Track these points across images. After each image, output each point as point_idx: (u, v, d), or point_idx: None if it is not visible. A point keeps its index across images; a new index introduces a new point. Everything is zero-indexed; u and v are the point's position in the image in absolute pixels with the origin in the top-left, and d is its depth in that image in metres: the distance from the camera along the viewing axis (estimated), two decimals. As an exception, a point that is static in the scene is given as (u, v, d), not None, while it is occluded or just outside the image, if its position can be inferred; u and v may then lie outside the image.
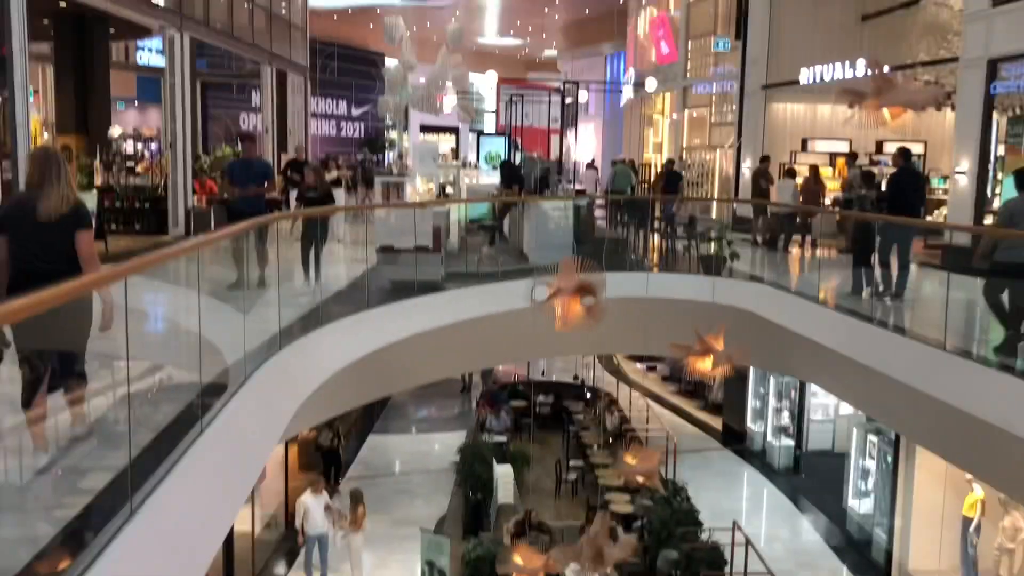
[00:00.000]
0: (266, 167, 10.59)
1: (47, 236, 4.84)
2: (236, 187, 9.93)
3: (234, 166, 10.85)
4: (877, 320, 9.14)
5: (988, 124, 13.40)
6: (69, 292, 3.62)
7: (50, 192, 4.82)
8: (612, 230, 17.36)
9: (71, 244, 4.85)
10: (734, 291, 11.91)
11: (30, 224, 4.81)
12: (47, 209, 4.80)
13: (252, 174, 9.85)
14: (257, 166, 10.19)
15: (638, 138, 29.50)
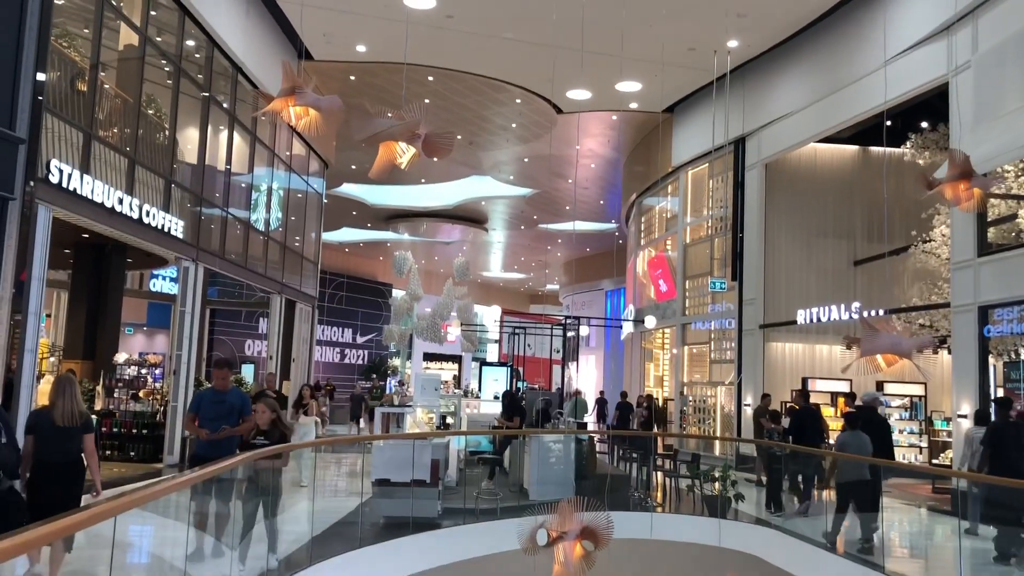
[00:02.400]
0: (242, 401, 8.61)
1: (62, 437, 6.75)
2: (203, 427, 8.26)
3: (201, 399, 8.74)
4: (883, 569, 8.78)
5: (985, 367, 13.55)
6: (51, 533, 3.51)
7: (63, 406, 6.81)
8: (615, 466, 17.12)
9: (79, 444, 6.86)
10: (741, 535, 11.53)
11: (49, 428, 6.74)
12: (59, 419, 6.77)
13: (224, 410, 8.29)
14: (231, 400, 8.48)
15: (639, 371, 29.77)
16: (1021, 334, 13.22)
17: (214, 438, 8.10)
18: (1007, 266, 12.99)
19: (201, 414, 8.40)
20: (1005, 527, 9.02)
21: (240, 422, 8.32)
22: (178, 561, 6.76)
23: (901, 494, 13.76)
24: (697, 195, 24.51)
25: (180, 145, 16.04)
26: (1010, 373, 13.38)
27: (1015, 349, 13.61)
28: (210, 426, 8.21)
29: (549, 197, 33.12)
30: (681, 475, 14.63)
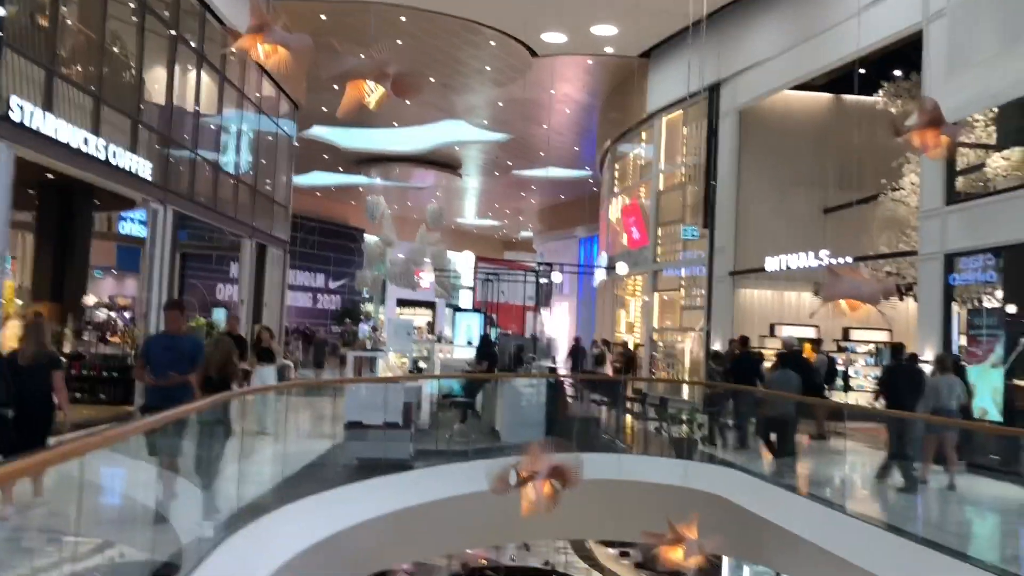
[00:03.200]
0: (195, 347, 7.99)
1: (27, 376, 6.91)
2: (152, 374, 7.67)
3: (152, 345, 8.20)
4: (851, 511, 9.04)
5: (949, 315, 13.81)
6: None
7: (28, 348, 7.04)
8: (584, 409, 17.34)
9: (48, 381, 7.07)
10: (706, 476, 11.77)
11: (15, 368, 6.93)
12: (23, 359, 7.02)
13: (175, 356, 7.63)
14: (184, 345, 7.82)
15: (611, 318, 30.00)
16: (985, 282, 13.46)
17: (160, 384, 7.53)
18: (974, 215, 13.16)
19: (151, 360, 7.74)
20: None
21: (191, 370, 7.70)
22: (148, 502, 6.81)
23: (864, 436, 14.07)
24: (672, 142, 24.48)
25: (147, 85, 15.70)
26: (973, 320, 13.64)
27: (978, 297, 13.85)
28: (160, 373, 7.60)
29: (523, 143, 32.92)
30: (649, 418, 14.87)
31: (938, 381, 10.91)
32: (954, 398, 10.59)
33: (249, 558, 7.19)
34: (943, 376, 11.04)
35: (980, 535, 9.03)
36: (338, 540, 8.95)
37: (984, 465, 10.37)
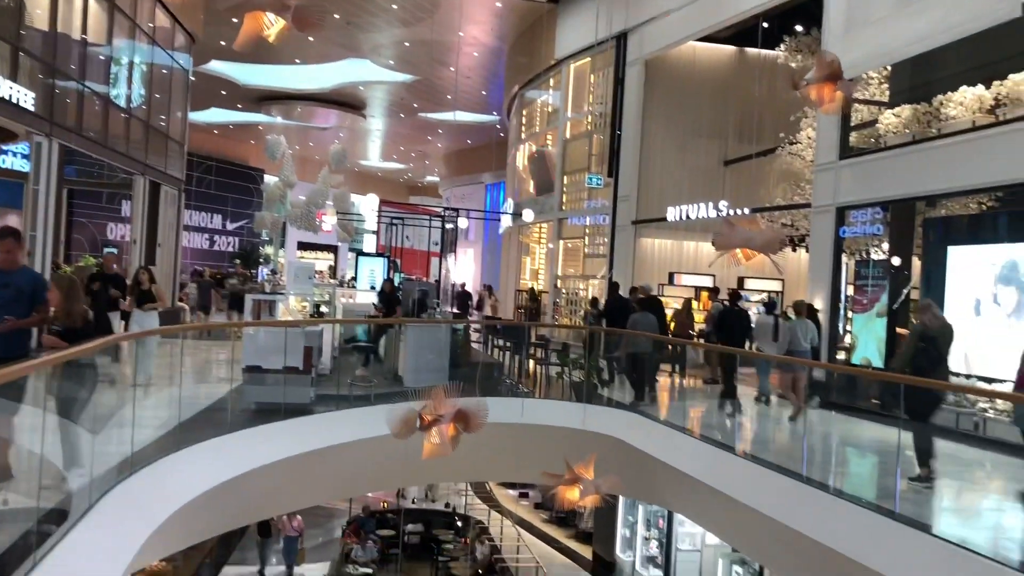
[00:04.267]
0: (34, 284, 6.67)
1: None
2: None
3: None
4: (739, 451, 9.42)
5: (838, 266, 14.39)
6: None
7: None
8: (488, 354, 17.47)
9: None
10: (604, 419, 12.07)
11: None
12: None
13: (9, 296, 6.42)
14: (18, 282, 6.53)
15: (516, 265, 30.16)
16: (872, 235, 14.05)
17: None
18: (865, 170, 13.66)
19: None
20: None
21: (31, 310, 6.54)
22: (34, 448, 6.55)
23: (752, 380, 14.63)
24: (579, 90, 24.50)
25: (28, 9, 14.71)
26: (860, 271, 14.26)
27: (866, 249, 14.47)
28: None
29: (430, 85, 32.37)
30: (551, 363, 15.09)
31: (794, 325, 11.95)
32: (807, 340, 11.71)
33: (144, 502, 7.04)
34: (799, 320, 12.10)
35: (858, 474, 9.56)
36: (237, 484, 8.84)
37: (861, 408, 10.96)
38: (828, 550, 7.15)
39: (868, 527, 6.91)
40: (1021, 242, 11.15)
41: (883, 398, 10.05)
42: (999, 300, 11.04)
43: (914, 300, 13.50)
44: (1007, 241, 11.49)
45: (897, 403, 7.87)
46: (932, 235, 13.15)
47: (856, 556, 6.80)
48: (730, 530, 10.22)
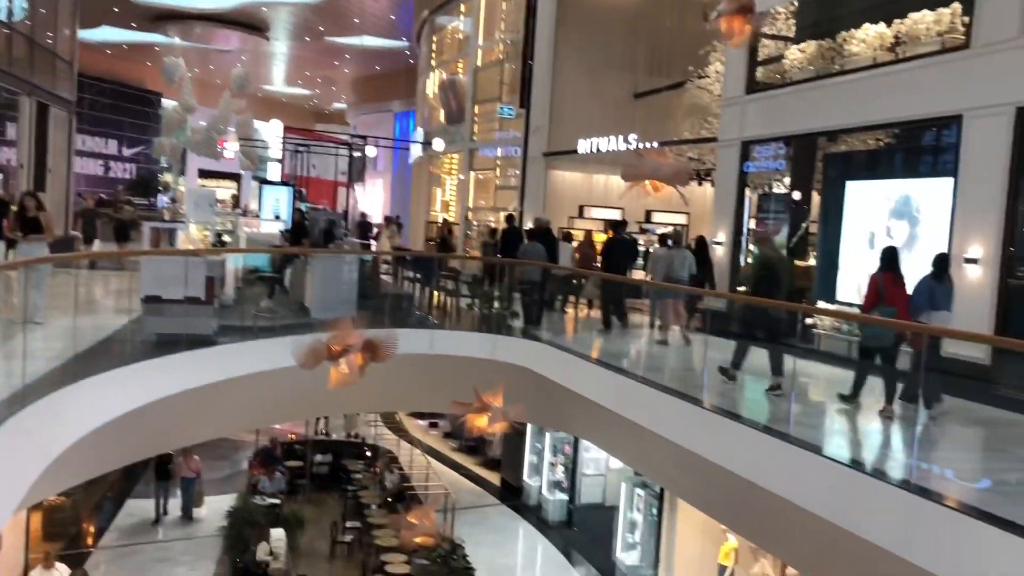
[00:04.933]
0: None
1: None
2: None
3: None
4: (641, 378, 9.66)
5: (742, 200, 14.71)
6: None
7: None
8: (397, 286, 17.36)
9: None
10: (513, 349, 12.18)
11: None
12: None
13: None
14: None
15: (426, 196, 29.85)
16: (775, 170, 14.38)
17: None
18: (770, 104, 13.90)
19: None
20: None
21: None
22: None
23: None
24: (491, 17, 24.07)
25: None
26: (763, 205, 14.62)
27: (769, 183, 14.82)
28: None
29: (336, 7, 31.28)
30: (462, 295, 15.09)
31: (672, 254, 12.57)
32: (684, 269, 12.29)
33: (37, 437, 6.79)
34: (677, 250, 12.79)
35: (754, 399, 9.94)
36: (138, 417, 8.61)
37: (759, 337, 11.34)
38: (725, 471, 7.45)
39: (761, 448, 7.21)
40: (914, 177, 11.57)
41: (749, 323, 10.52)
42: (892, 233, 11.49)
43: (812, 233, 13.95)
44: (901, 177, 11.90)
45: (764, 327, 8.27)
46: (832, 170, 13.53)
47: (750, 476, 7.11)
48: (633, 454, 10.54)
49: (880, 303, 8.39)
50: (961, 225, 10.01)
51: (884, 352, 8.36)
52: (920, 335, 7.58)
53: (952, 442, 7.75)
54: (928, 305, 8.26)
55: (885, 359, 8.32)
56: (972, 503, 5.53)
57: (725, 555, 12.87)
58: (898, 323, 8.18)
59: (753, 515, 7.59)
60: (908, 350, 8.10)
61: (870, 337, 8.81)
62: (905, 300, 8.38)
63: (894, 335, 8.20)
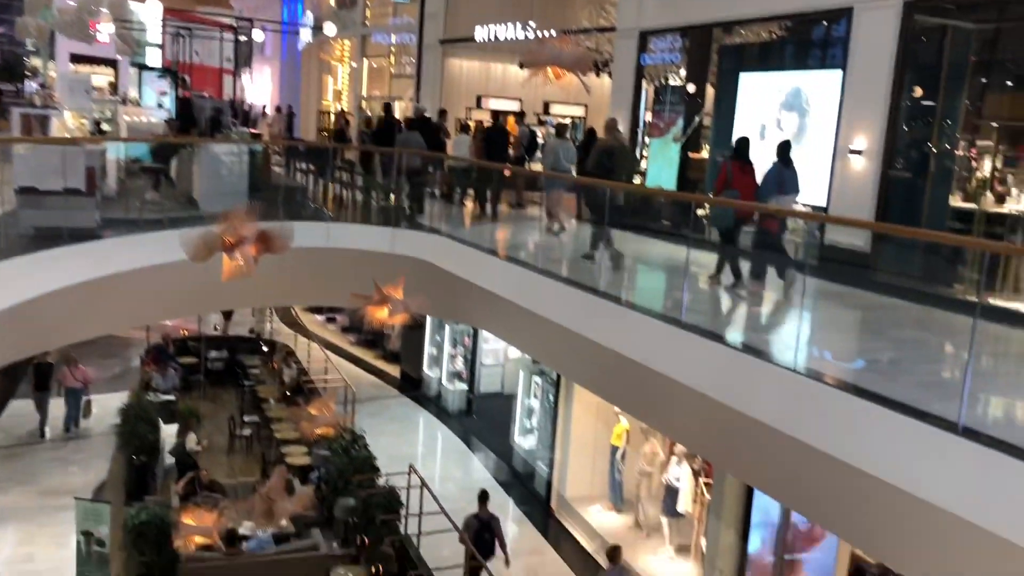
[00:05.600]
0: None
1: None
2: None
3: None
4: (538, 268, 9.79)
5: (639, 91, 14.75)
6: None
7: None
8: (291, 178, 16.90)
9: None
10: (413, 242, 12.12)
11: None
12: None
13: None
14: None
15: (317, 84, 28.80)
16: (671, 62, 14.42)
17: None
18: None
19: None
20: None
21: None
22: None
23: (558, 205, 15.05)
24: None
25: None
26: (659, 96, 14.71)
27: (665, 75, 14.87)
28: None
29: None
30: (359, 187, 14.82)
31: (557, 145, 12.85)
32: (567, 160, 12.69)
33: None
34: (561, 141, 13.07)
35: (648, 288, 10.23)
36: (17, 313, 8.25)
37: (654, 228, 11.61)
38: (618, 355, 7.70)
39: (654, 333, 7.46)
40: (805, 70, 11.79)
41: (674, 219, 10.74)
42: (782, 125, 11.77)
43: (705, 127, 14.17)
44: (793, 69, 12.12)
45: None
46: (726, 62, 13.66)
47: (642, 359, 7.37)
48: (532, 343, 10.75)
49: (727, 188, 9.12)
50: (848, 117, 10.33)
51: (727, 232, 9.20)
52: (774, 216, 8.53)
53: (833, 326, 8.18)
54: (776, 190, 8.89)
55: (728, 239, 9.15)
56: (849, 381, 5.90)
57: (617, 436, 13.44)
58: (789, 210, 8.50)
59: (644, 397, 7.90)
60: (750, 230, 9.04)
61: (716, 218, 9.58)
62: (749, 186, 9.05)
63: (734, 216, 9.03)
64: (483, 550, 10.88)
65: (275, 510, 7.94)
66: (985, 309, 6.12)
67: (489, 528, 11.27)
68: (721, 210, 9.26)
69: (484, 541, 11.07)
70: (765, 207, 8.67)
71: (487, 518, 11.37)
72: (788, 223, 8.83)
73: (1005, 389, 6.23)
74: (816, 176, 10.73)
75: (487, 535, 11.18)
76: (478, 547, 10.79)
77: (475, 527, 11.20)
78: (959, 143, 10.08)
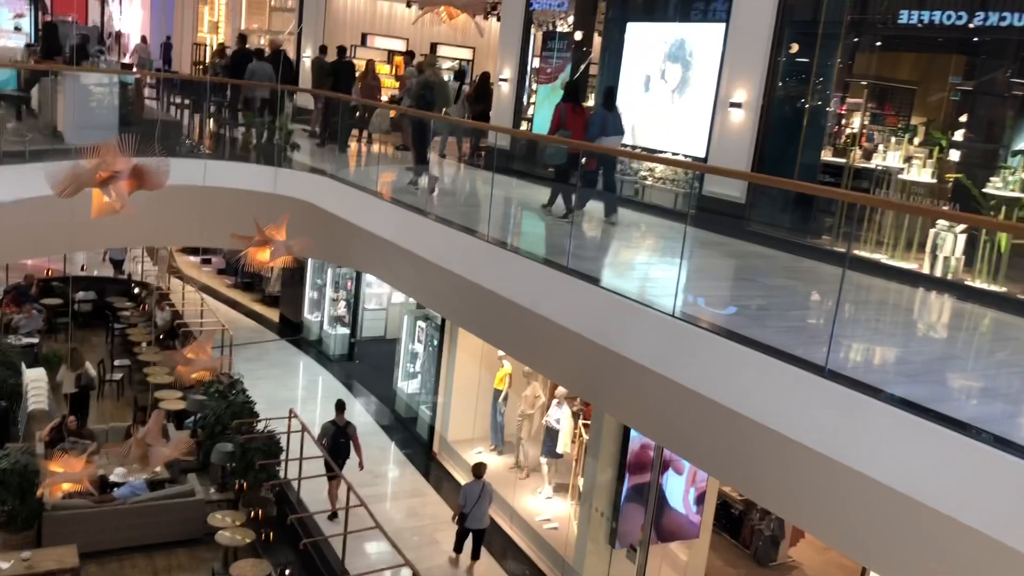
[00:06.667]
0: None
1: None
2: None
3: None
4: (427, 212, 9.75)
5: (527, 37, 14.69)
6: None
7: None
8: (165, 112, 16.12)
9: None
10: (295, 182, 11.82)
11: None
12: None
13: None
14: None
15: (192, 15, 27.39)
16: (559, 8, 14.39)
17: None
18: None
19: None
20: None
21: None
22: None
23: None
24: None
25: None
26: (547, 43, 14.69)
27: (553, 22, 14.84)
28: None
29: None
30: (238, 124, 14.29)
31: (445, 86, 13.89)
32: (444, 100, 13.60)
33: None
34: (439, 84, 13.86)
35: (532, 233, 10.34)
36: None
37: (538, 175, 11.72)
38: (502, 299, 7.78)
39: (539, 279, 7.57)
40: (690, 22, 11.98)
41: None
42: (666, 77, 11.97)
43: (592, 75, 14.27)
44: (678, 20, 12.29)
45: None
46: (613, 11, 13.73)
47: (528, 304, 7.47)
48: (416, 287, 10.71)
49: (561, 127, 10.10)
50: (729, 71, 10.59)
51: (560, 168, 10.30)
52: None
53: (709, 273, 8.49)
54: (600, 132, 9.90)
55: (561, 175, 10.23)
56: (722, 325, 6.16)
57: (500, 380, 13.64)
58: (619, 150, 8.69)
59: (527, 340, 8.02)
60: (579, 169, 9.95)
61: (551, 155, 10.61)
62: (580, 126, 10.05)
63: (567, 154, 10.01)
64: (340, 454, 11.79)
65: (150, 456, 7.72)
66: (850, 258, 6.48)
67: (345, 433, 12.02)
68: (555, 148, 10.22)
69: (340, 445, 11.89)
70: (590, 145, 9.55)
71: (343, 424, 12.09)
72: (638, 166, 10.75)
73: (865, 334, 6.65)
74: (697, 127, 11.02)
75: (342, 439, 11.95)
76: (335, 451, 11.70)
77: (331, 432, 11.98)
78: (831, 100, 10.51)
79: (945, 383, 5.61)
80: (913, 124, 11.21)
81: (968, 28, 8.71)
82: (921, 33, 9.46)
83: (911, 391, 4.87)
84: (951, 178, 9.38)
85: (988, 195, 8.41)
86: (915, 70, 11.69)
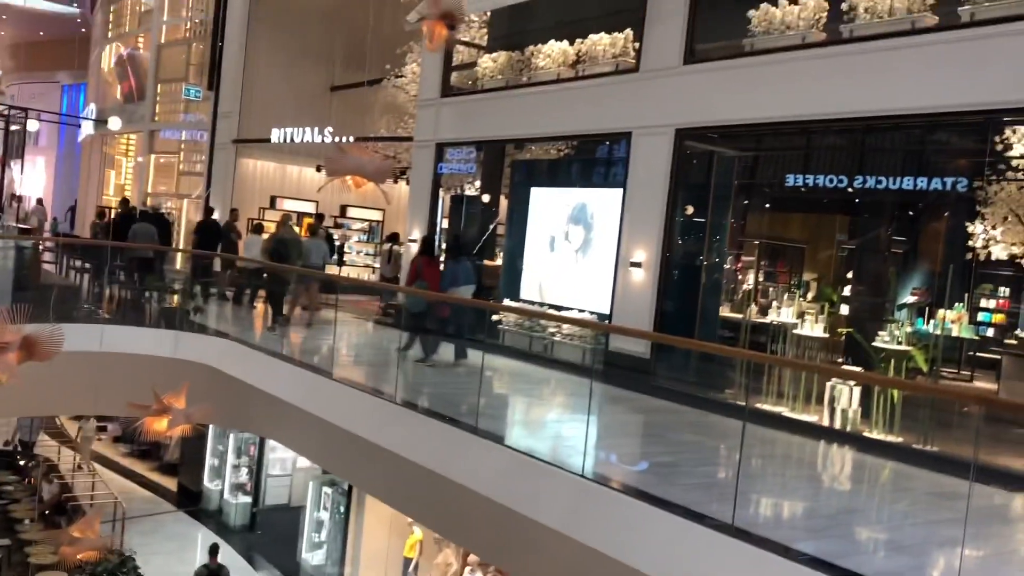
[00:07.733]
0: None
1: None
2: None
3: None
4: (331, 375, 9.58)
5: (436, 199, 15.08)
6: None
7: None
8: (63, 276, 15.76)
9: None
10: (198, 346, 11.52)
11: None
12: None
13: None
14: None
15: (98, 178, 27.31)
16: (467, 173, 14.91)
17: None
18: (463, 109, 14.39)
19: None
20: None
21: None
22: None
23: (354, 309, 14.94)
24: (177, -7, 22.60)
25: None
26: (455, 206, 15.10)
27: (461, 185, 15.33)
28: None
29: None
30: (141, 288, 14.03)
31: (311, 244, 13.90)
32: (320, 256, 13.84)
33: None
34: (314, 240, 14.26)
35: (440, 394, 10.26)
36: None
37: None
38: (409, 463, 7.58)
39: (448, 441, 7.45)
40: (590, 187, 12.54)
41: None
42: (570, 237, 12.39)
43: (500, 235, 14.67)
44: (579, 186, 12.86)
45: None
46: (518, 176, 14.30)
47: (437, 468, 7.30)
48: (321, 452, 10.38)
49: (419, 279, 10.96)
50: (628, 232, 11.03)
51: (420, 316, 11.09)
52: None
53: (616, 429, 8.51)
54: (451, 282, 10.71)
55: (420, 323, 10.95)
56: (633, 484, 6.12)
57: (411, 547, 13.11)
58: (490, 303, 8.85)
59: (437, 505, 7.79)
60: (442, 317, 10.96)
61: (411, 305, 11.48)
62: (435, 276, 10.95)
63: (425, 304, 10.91)
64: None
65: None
66: (752, 413, 6.60)
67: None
68: (413, 298, 11.17)
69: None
70: (447, 297, 10.39)
71: (216, 568, 12.26)
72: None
73: (772, 489, 6.69)
74: (601, 286, 11.33)
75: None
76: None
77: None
78: (727, 258, 11.00)
79: (851, 537, 5.65)
80: (805, 280, 11.79)
81: (849, 191, 9.36)
82: (807, 195, 10.11)
83: (819, 547, 4.87)
84: (843, 332, 9.79)
85: (878, 348, 8.79)
86: (804, 229, 12.42)
